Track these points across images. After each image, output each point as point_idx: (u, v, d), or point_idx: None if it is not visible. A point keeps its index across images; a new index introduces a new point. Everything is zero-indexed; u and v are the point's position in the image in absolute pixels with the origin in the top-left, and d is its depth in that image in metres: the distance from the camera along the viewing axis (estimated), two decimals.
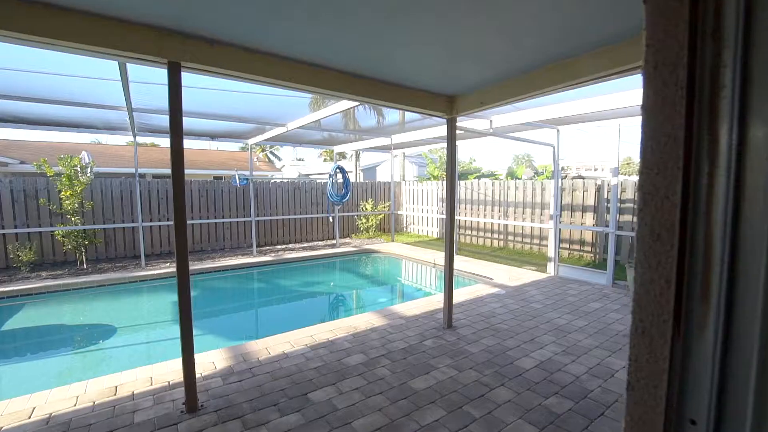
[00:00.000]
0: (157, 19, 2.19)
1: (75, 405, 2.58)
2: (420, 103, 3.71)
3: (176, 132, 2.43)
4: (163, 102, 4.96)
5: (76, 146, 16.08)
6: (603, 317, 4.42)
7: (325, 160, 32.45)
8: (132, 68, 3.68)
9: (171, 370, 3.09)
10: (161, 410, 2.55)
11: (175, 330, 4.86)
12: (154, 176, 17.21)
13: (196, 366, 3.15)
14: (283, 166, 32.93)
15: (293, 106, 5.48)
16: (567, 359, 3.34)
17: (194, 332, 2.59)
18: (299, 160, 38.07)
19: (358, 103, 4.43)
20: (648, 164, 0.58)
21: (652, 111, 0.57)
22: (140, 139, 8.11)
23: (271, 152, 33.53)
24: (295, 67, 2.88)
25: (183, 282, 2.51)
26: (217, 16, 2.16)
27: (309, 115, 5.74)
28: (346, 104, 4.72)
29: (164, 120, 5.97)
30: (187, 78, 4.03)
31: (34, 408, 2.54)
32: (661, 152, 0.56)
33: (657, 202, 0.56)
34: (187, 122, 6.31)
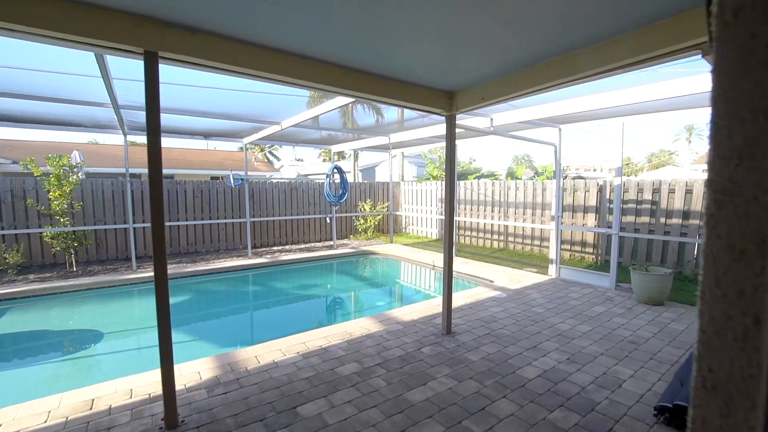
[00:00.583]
0: (133, 5, 2.02)
1: (46, 421, 2.41)
2: (418, 99, 3.54)
3: (153, 129, 2.26)
4: None
5: (72, 146, 15.88)
6: (607, 322, 4.26)
7: (324, 160, 32.29)
8: (116, 64, 3.51)
9: (153, 381, 2.91)
10: (138, 426, 2.37)
11: None
12: None
13: (180, 377, 3.00)
14: (282, 166, 32.78)
15: (290, 104, 5.31)
16: (571, 368, 3.17)
17: (183, 339, 2.43)
18: (298, 160, 37.94)
19: (353, 99, 4.26)
20: (723, 152, 0.41)
21: (729, 78, 0.40)
22: (138, 139, 7.92)
23: (269, 152, 33.40)
24: (284, 59, 2.71)
25: (161, 288, 2.34)
26: (199, 2, 1.99)
27: (304, 112, 5.57)
28: (341, 100, 4.55)
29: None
30: (180, 75, 3.90)
31: (0, 425, 2.37)
32: (746, 134, 0.39)
33: (739, 205, 0.39)
34: (179, 121, 6.14)
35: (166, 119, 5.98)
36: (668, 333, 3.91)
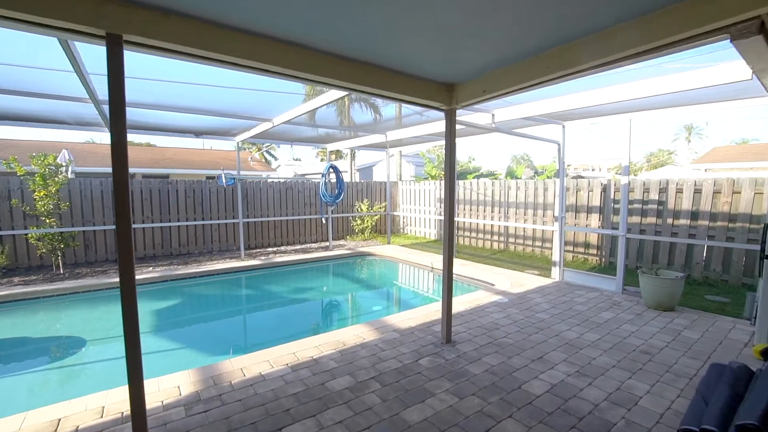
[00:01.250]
0: None
1: None
2: (415, 92, 3.30)
3: (118, 123, 2.02)
4: (140, 95, 4.54)
5: (66, 145, 15.61)
6: (616, 329, 4.03)
7: (321, 159, 32.09)
8: (94, 57, 3.24)
9: (127, 398, 2.67)
10: None
11: (153, 343, 4.44)
12: (145, 176, 16.77)
13: (157, 392, 2.77)
14: (279, 166, 32.54)
15: (282, 101, 5.06)
16: (582, 382, 2.94)
17: (168, 347, 2.19)
18: (296, 159, 37.67)
19: (345, 93, 4.02)
20: None
21: None
22: (135, 138, 7.68)
23: (267, 152, 33.15)
24: (269, 45, 2.47)
25: (128, 296, 2.09)
26: None
27: (295, 108, 5.32)
28: (332, 95, 4.31)
29: (145, 114, 5.54)
30: (169, 72, 3.65)
31: None
32: None
33: None
34: (167, 118, 5.90)
35: (153, 116, 5.73)
36: (683, 342, 3.68)
